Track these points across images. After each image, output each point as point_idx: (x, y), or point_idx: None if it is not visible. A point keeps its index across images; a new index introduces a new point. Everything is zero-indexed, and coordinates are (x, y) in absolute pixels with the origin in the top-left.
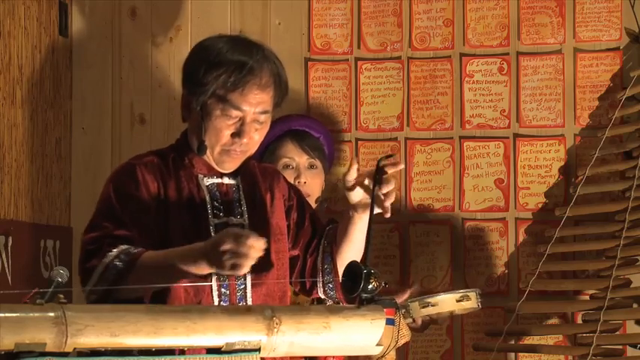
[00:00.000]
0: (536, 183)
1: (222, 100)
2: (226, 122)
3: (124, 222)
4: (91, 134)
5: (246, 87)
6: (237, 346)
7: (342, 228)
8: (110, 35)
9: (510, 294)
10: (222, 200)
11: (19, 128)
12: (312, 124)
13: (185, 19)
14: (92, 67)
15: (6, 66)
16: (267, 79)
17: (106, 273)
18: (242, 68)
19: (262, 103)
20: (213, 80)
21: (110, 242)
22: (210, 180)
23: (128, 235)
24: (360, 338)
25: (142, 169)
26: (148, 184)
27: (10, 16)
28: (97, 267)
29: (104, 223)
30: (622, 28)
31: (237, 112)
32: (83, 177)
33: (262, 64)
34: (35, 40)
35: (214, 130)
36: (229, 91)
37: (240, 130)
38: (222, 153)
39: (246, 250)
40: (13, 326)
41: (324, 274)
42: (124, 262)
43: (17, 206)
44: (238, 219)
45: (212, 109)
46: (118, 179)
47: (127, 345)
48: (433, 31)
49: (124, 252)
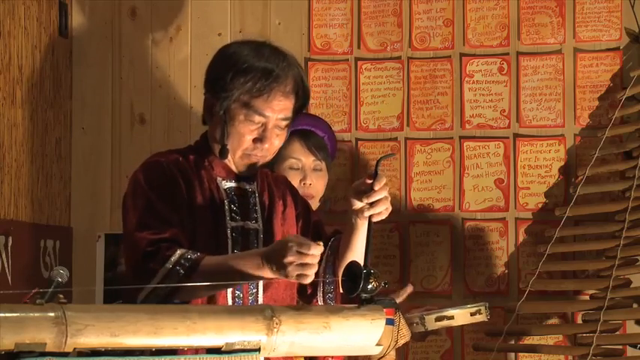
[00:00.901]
0: (536, 183)
1: (247, 106)
2: (249, 127)
3: (171, 221)
4: (91, 134)
5: (271, 94)
6: (237, 346)
7: (345, 237)
8: (110, 35)
9: (510, 294)
10: (239, 204)
11: (19, 128)
12: (318, 123)
13: (185, 19)
14: (92, 67)
15: (6, 66)
16: (291, 86)
17: (166, 279)
18: (268, 75)
19: (285, 110)
20: (239, 86)
21: (168, 246)
22: (228, 183)
23: (177, 235)
24: (359, 338)
25: (169, 166)
26: (178, 181)
27: (10, 16)
28: (159, 271)
29: (152, 221)
30: (622, 28)
31: (260, 117)
32: (83, 177)
33: (287, 72)
34: (35, 40)
35: (237, 134)
36: (254, 97)
37: (263, 135)
38: (244, 157)
39: (310, 260)
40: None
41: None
42: (185, 267)
43: (17, 206)
44: (253, 224)
45: (236, 114)
46: (149, 175)
47: (127, 345)
48: (433, 31)
49: (184, 257)
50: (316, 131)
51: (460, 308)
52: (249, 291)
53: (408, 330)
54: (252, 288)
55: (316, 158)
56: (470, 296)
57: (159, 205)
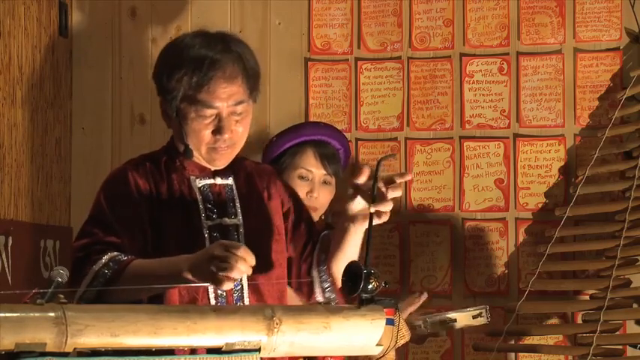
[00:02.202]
0: (536, 183)
1: (193, 102)
2: (203, 122)
3: (115, 228)
4: (91, 134)
5: (212, 83)
6: (237, 346)
7: (335, 240)
8: (110, 35)
9: (510, 294)
10: (215, 201)
11: (19, 128)
12: (335, 135)
13: (185, 19)
14: (92, 67)
15: (6, 66)
16: (232, 69)
17: (94, 281)
18: (202, 65)
19: (234, 95)
20: (177, 83)
21: (99, 249)
22: (202, 181)
23: (118, 242)
24: (360, 338)
25: (133, 173)
26: (140, 188)
27: (10, 16)
28: (88, 274)
29: (94, 229)
30: (622, 28)
31: (210, 110)
32: (83, 177)
33: (223, 56)
34: (35, 40)
35: (194, 132)
36: (197, 91)
37: (219, 126)
38: (210, 151)
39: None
40: (13, 326)
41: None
42: (113, 269)
43: (17, 206)
44: (232, 219)
45: (186, 112)
46: (109, 185)
47: (127, 345)
48: (433, 31)
49: (113, 259)
50: (333, 143)
51: (461, 311)
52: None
53: (408, 330)
54: (236, 285)
55: (327, 172)
56: (470, 296)
57: (107, 213)
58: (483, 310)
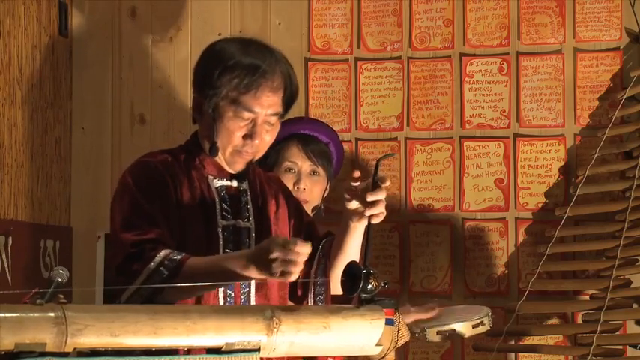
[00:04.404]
0: (536, 183)
1: (235, 102)
2: (238, 124)
3: (157, 222)
4: (91, 134)
5: (259, 89)
6: (237, 346)
7: (338, 239)
8: (110, 35)
9: (510, 294)
10: (230, 203)
11: (19, 128)
12: (321, 129)
13: (185, 19)
14: (92, 66)
15: (6, 66)
16: (279, 81)
17: (149, 280)
18: (255, 71)
19: (273, 105)
20: (226, 83)
21: (152, 247)
22: (219, 182)
23: (162, 236)
24: (359, 338)
25: (158, 166)
26: (166, 181)
27: (10, 15)
28: (142, 272)
29: (138, 222)
30: (622, 28)
31: (249, 113)
32: (83, 177)
33: (274, 67)
34: (35, 40)
35: (226, 131)
36: (242, 93)
37: (252, 131)
38: (234, 154)
39: (295, 257)
40: (13, 326)
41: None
42: (169, 268)
43: (17, 206)
44: (245, 222)
45: (224, 111)
46: (137, 176)
47: (127, 345)
48: (433, 31)
49: (168, 258)
50: (318, 136)
51: (462, 321)
52: (242, 290)
53: (408, 330)
54: (245, 287)
55: (313, 163)
56: (470, 296)
57: (145, 205)
58: (485, 318)
